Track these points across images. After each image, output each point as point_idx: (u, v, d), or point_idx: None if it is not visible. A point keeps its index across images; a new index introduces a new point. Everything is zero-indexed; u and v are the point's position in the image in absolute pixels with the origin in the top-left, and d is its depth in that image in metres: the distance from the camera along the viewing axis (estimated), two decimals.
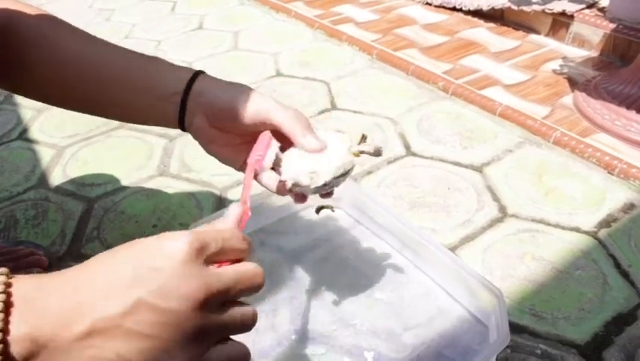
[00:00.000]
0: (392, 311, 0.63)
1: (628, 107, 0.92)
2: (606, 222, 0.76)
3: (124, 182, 0.90)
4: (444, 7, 1.53)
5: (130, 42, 1.51)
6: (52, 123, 1.09)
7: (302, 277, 0.67)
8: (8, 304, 0.29)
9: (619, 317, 0.63)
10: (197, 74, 0.52)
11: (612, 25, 1.19)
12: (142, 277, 0.31)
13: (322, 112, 1.08)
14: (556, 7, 1.28)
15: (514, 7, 1.34)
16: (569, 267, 0.70)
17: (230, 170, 0.53)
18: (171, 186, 0.88)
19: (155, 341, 0.31)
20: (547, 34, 1.32)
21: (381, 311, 0.63)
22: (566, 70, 1.16)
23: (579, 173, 0.86)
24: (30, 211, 0.85)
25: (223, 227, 0.38)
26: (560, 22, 1.29)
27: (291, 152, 0.49)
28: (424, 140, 0.97)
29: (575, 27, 1.26)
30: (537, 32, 1.34)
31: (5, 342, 0.28)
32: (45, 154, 1.00)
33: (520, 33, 1.36)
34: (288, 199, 0.54)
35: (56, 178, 0.93)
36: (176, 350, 0.32)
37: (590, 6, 1.28)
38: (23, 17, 0.54)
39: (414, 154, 0.93)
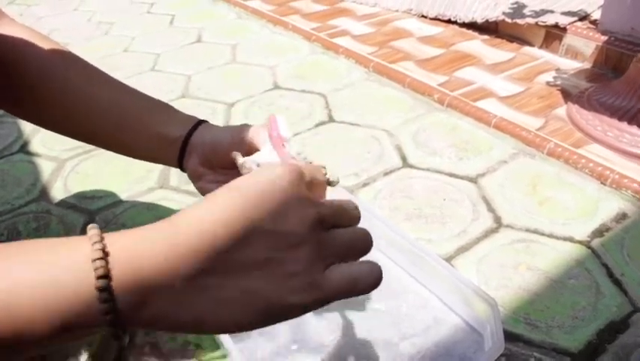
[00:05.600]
0: (389, 321, 0.64)
1: (620, 119, 0.94)
2: (599, 232, 0.78)
3: (124, 195, 0.92)
4: (439, 20, 1.56)
5: (129, 55, 1.52)
6: (53, 136, 1.08)
7: None
8: (106, 253, 0.27)
9: (612, 325, 0.64)
10: (199, 123, 0.56)
11: (604, 38, 1.21)
12: (249, 205, 0.30)
13: (319, 125, 1.09)
14: (549, 19, 1.30)
15: (508, 20, 1.37)
16: (562, 276, 0.71)
17: None
18: (171, 199, 0.90)
19: (277, 266, 0.30)
20: (540, 46, 1.34)
21: (379, 321, 0.64)
22: (559, 82, 1.18)
23: (573, 183, 0.88)
24: (32, 224, 0.86)
25: None
26: (553, 35, 1.31)
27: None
28: (420, 152, 0.98)
29: (568, 39, 1.28)
30: (531, 44, 1.36)
31: (110, 289, 0.26)
32: (46, 167, 1.01)
33: (515, 45, 1.38)
34: None
35: (57, 191, 0.94)
36: (300, 272, 0.31)
37: (582, 18, 1.30)
38: (36, 53, 0.56)
39: (410, 166, 0.95)
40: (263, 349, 0.61)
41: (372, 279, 0.34)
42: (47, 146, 1.08)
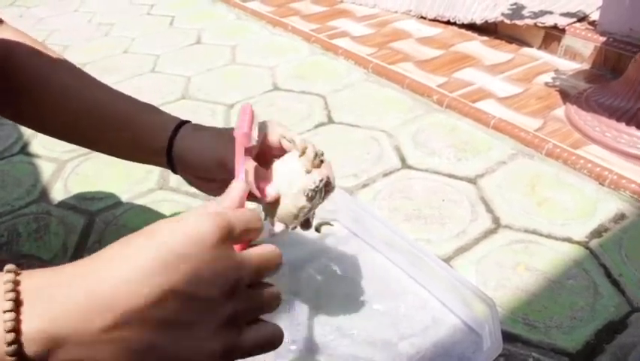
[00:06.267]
0: (389, 321, 0.64)
1: (618, 119, 0.94)
2: (597, 233, 0.78)
3: (124, 196, 0.92)
4: (438, 21, 1.56)
5: (129, 56, 1.53)
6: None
7: (300, 289, 0.69)
8: (19, 302, 0.27)
9: (610, 325, 0.64)
10: (180, 126, 0.55)
11: (603, 39, 1.21)
12: (169, 265, 0.30)
13: (319, 126, 1.10)
14: (548, 20, 1.31)
15: (507, 21, 1.37)
16: (561, 276, 0.71)
17: None
18: (171, 200, 0.90)
19: (188, 328, 0.31)
20: (539, 47, 1.35)
21: (378, 322, 0.64)
22: (558, 82, 1.18)
23: (571, 184, 0.88)
24: (32, 225, 0.86)
25: (232, 205, 0.38)
26: (552, 36, 1.31)
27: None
28: (419, 152, 0.99)
29: (567, 40, 1.28)
30: (530, 45, 1.37)
31: (19, 342, 0.27)
32: (46, 168, 1.01)
33: (514, 46, 1.38)
34: None
35: (58, 192, 0.94)
36: (211, 336, 0.32)
37: (580, 19, 1.31)
38: (23, 55, 0.56)
39: (409, 167, 0.95)
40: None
41: (280, 339, 0.37)
42: (47, 147, 1.08)
